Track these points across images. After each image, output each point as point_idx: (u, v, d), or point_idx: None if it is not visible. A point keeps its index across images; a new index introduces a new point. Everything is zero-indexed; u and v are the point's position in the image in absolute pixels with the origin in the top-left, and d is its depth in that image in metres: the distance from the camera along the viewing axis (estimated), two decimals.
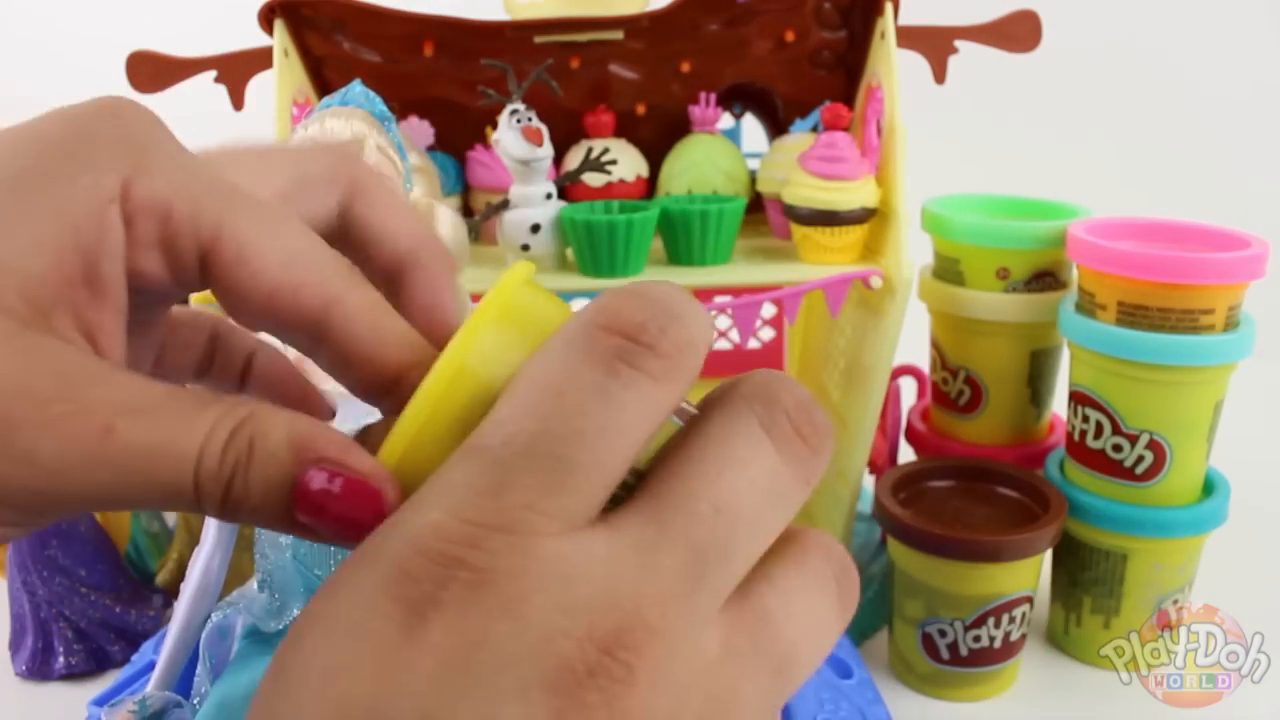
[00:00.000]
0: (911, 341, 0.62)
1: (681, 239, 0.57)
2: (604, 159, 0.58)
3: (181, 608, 0.44)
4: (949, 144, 0.95)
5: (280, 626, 0.43)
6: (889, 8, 0.57)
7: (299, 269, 0.21)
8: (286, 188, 0.23)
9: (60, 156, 0.20)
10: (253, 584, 0.44)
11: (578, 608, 0.17)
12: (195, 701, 0.44)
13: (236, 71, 0.60)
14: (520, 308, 0.20)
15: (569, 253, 0.58)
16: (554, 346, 0.19)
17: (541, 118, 0.55)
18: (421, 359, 0.21)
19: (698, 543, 0.18)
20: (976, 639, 0.55)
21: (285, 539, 0.42)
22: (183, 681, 0.45)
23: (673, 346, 0.19)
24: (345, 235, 0.24)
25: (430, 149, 0.67)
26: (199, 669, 0.44)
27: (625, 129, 0.66)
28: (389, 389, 0.22)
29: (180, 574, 0.64)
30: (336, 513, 0.19)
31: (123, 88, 0.59)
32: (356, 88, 0.45)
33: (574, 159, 0.63)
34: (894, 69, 0.57)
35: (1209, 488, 0.58)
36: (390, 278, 0.24)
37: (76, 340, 0.19)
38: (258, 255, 0.21)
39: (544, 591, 0.17)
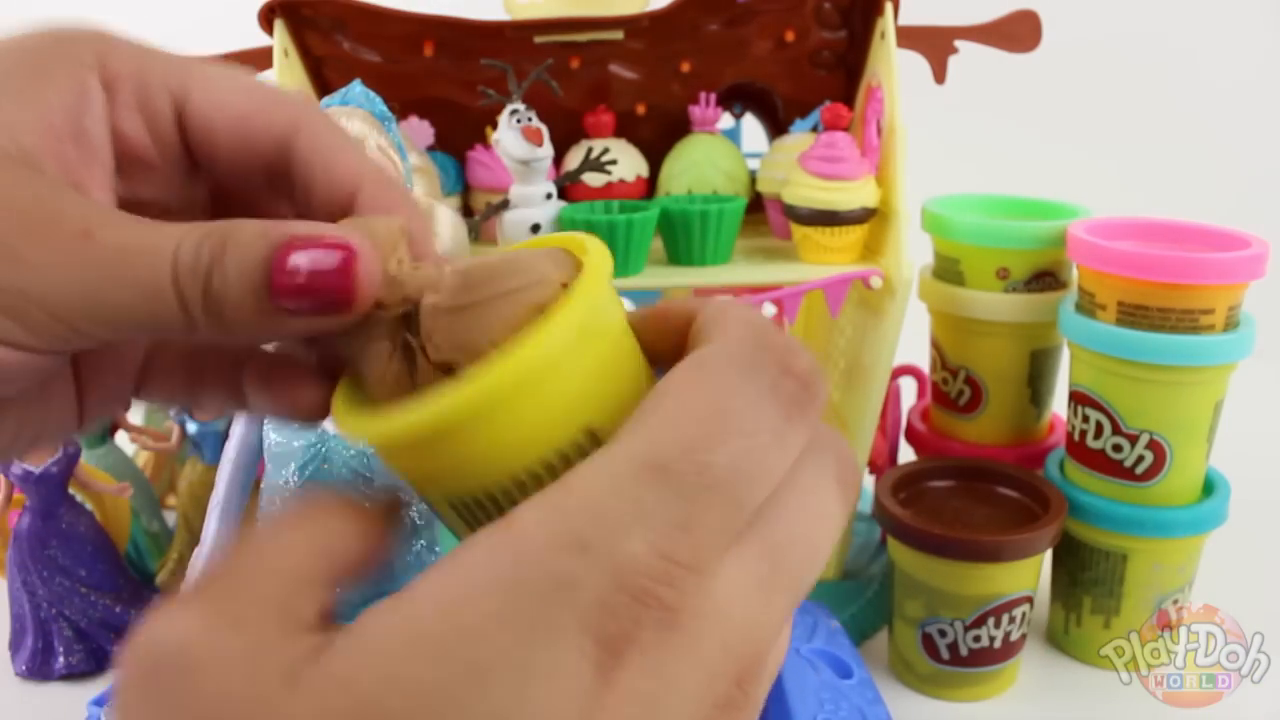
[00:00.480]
0: (911, 341, 0.62)
1: (681, 239, 0.57)
2: (604, 159, 0.58)
3: None
4: (949, 144, 0.95)
5: None
6: (889, 8, 0.57)
7: (264, 97, 0.23)
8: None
9: (37, 39, 0.22)
10: None
11: (730, 646, 0.18)
12: None
13: None
14: (607, 293, 0.20)
15: None
16: (729, 370, 0.19)
17: (541, 118, 0.55)
18: (377, 176, 0.23)
19: (797, 585, 0.19)
20: (976, 639, 0.55)
21: None
22: None
23: (823, 396, 0.20)
24: (287, 173, 0.23)
25: (430, 149, 0.67)
26: None
27: (625, 129, 0.65)
28: (345, 207, 0.23)
29: (180, 574, 0.64)
30: (315, 283, 0.19)
31: None
32: (356, 88, 0.45)
33: (574, 159, 0.63)
34: (894, 69, 0.56)
35: (1209, 488, 0.58)
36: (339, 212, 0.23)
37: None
38: (227, 92, 0.23)
39: (714, 633, 0.17)
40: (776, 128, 0.69)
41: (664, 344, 0.22)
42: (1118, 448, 0.56)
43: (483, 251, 0.63)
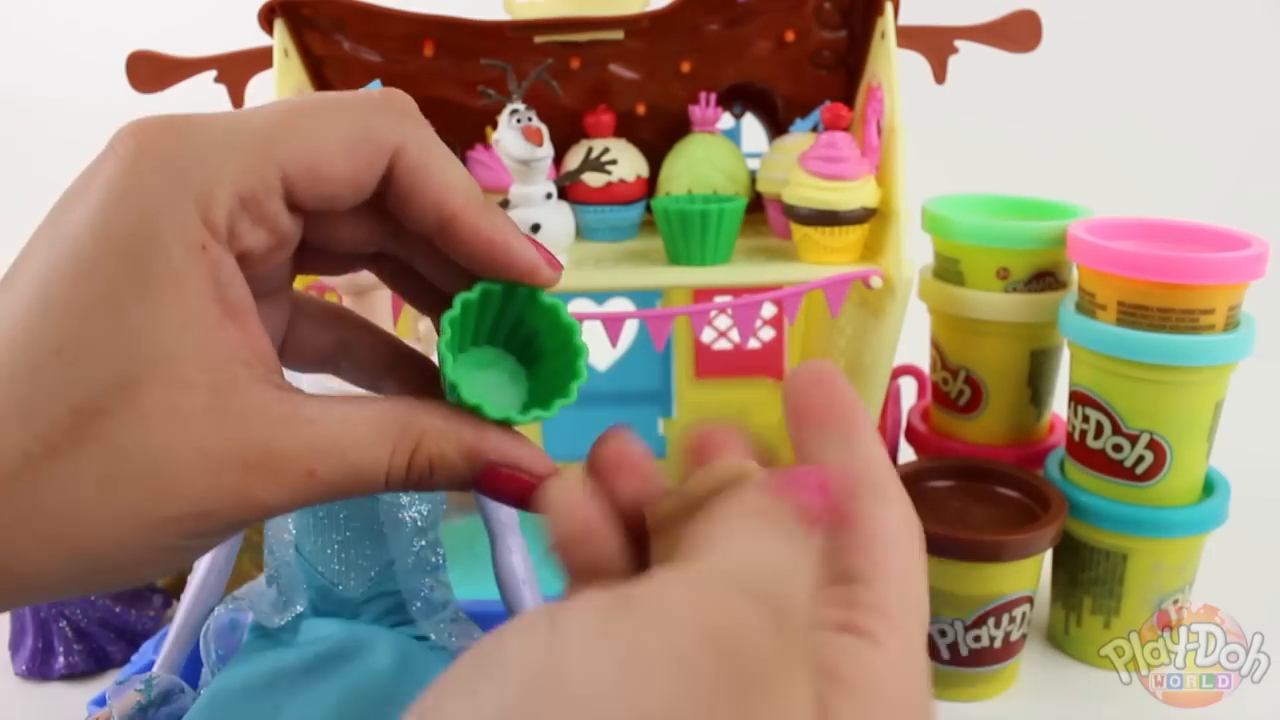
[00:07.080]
0: (911, 341, 0.62)
1: (681, 239, 0.57)
2: (604, 159, 0.58)
3: (185, 603, 0.44)
4: (949, 144, 0.95)
5: (283, 622, 0.43)
6: (889, 8, 0.57)
7: (357, 137, 0.24)
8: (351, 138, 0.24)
9: (132, 223, 0.21)
10: (262, 580, 0.44)
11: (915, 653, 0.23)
12: (201, 692, 0.44)
13: (237, 71, 0.60)
14: None
15: (578, 247, 0.58)
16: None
17: (541, 118, 0.55)
18: (471, 208, 0.24)
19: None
20: (976, 639, 0.55)
21: (289, 536, 0.42)
22: (188, 677, 0.45)
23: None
24: (387, 188, 0.25)
25: None
26: (205, 662, 0.44)
27: (625, 129, 0.65)
28: (442, 226, 0.24)
29: (181, 574, 0.64)
30: (507, 496, 0.24)
31: (123, 87, 0.59)
32: (376, 88, 0.45)
33: (574, 159, 0.63)
34: (894, 69, 0.57)
35: (1209, 488, 0.58)
36: (438, 229, 0.24)
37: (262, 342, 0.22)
38: (322, 149, 0.23)
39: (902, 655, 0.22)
40: (776, 128, 0.69)
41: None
42: (1118, 448, 0.56)
43: None
